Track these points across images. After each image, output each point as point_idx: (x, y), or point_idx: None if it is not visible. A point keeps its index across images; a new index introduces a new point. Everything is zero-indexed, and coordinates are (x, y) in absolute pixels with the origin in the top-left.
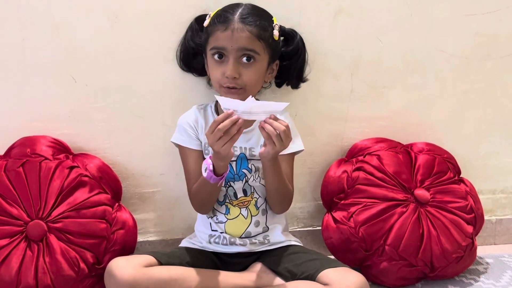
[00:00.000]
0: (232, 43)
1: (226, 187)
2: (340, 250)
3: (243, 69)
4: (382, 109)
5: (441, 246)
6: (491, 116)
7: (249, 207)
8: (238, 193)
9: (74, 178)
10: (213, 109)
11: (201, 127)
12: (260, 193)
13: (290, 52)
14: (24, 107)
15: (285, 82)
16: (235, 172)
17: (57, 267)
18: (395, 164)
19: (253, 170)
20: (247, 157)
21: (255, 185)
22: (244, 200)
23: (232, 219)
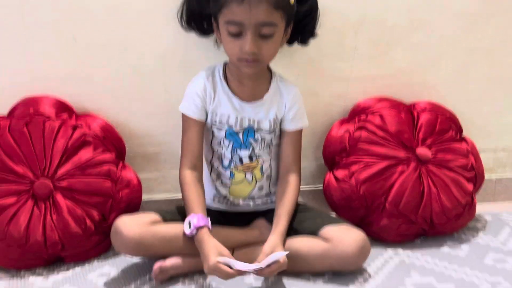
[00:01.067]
0: (251, 17)
1: (231, 154)
2: (341, 208)
3: (261, 43)
4: (386, 68)
5: (441, 203)
6: (495, 74)
7: (254, 172)
8: (244, 159)
9: (78, 138)
10: (222, 75)
11: (210, 96)
12: (265, 158)
13: (305, 12)
14: (25, 67)
15: (297, 40)
16: (242, 142)
17: (64, 225)
18: (397, 123)
19: (260, 140)
20: (255, 129)
21: (261, 153)
22: (250, 165)
23: (237, 184)
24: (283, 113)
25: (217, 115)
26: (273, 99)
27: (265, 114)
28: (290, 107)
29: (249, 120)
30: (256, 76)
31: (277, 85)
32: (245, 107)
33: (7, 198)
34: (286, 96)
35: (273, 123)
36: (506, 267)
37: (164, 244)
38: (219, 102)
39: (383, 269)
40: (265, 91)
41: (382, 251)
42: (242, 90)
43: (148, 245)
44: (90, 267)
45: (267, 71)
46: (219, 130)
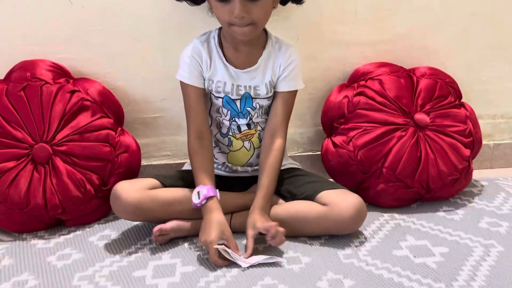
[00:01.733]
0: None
1: (230, 122)
2: (338, 173)
3: (251, 6)
4: (386, 32)
5: (437, 168)
6: (495, 40)
7: (252, 140)
8: (242, 127)
9: (76, 102)
10: (217, 42)
11: (206, 63)
12: (263, 126)
13: None
14: (20, 31)
15: None
16: (239, 110)
17: (64, 188)
18: (397, 89)
19: (257, 107)
20: (252, 96)
21: (259, 120)
22: (248, 133)
23: (235, 151)
24: (279, 73)
25: (213, 83)
26: (267, 62)
27: (261, 79)
28: (284, 67)
29: (245, 87)
30: (251, 42)
31: (272, 47)
32: (241, 75)
33: (7, 162)
34: (281, 56)
35: (269, 86)
36: (500, 230)
37: (163, 209)
38: (215, 69)
39: (378, 232)
40: (260, 56)
41: (378, 216)
42: (237, 57)
43: (147, 210)
44: (91, 230)
45: (263, 34)
46: (217, 99)
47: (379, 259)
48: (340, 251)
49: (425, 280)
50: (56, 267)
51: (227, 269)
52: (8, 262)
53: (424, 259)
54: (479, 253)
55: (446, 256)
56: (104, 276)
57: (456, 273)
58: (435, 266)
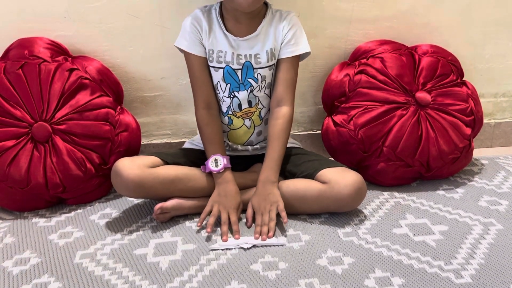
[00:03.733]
0: None
1: (230, 98)
2: (338, 152)
3: None
4: (388, 9)
5: (438, 147)
6: (499, 17)
7: (252, 118)
8: (243, 104)
9: (74, 81)
10: (218, 13)
11: (206, 32)
12: (264, 103)
13: None
14: (16, 7)
15: None
16: (241, 81)
17: (64, 167)
18: (398, 67)
19: (259, 79)
20: (253, 65)
21: (260, 95)
22: (248, 111)
23: (235, 129)
24: (281, 39)
25: (214, 52)
26: (267, 29)
27: (261, 47)
28: (286, 31)
29: (246, 56)
30: (252, 13)
31: (272, 15)
32: (241, 43)
33: (7, 141)
34: (283, 21)
35: (270, 54)
36: (500, 209)
37: (165, 186)
38: (214, 38)
39: (378, 211)
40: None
41: (378, 194)
42: (238, 28)
43: (148, 187)
44: (91, 209)
45: (263, 7)
46: (217, 70)
47: (379, 237)
48: (340, 229)
49: (424, 258)
50: (58, 245)
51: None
52: (10, 240)
53: (424, 237)
54: (478, 231)
55: (446, 234)
56: (105, 254)
57: (455, 251)
58: (434, 244)
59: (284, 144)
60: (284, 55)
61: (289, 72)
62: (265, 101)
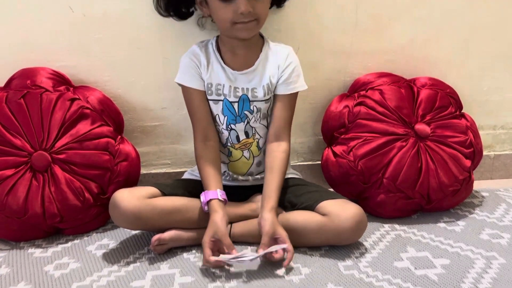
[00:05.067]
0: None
1: (228, 130)
2: (339, 183)
3: (254, 2)
4: (387, 42)
5: (438, 179)
6: (496, 50)
7: (251, 149)
8: (241, 135)
9: (75, 110)
10: (214, 46)
11: (204, 66)
12: (261, 133)
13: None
14: (22, 38)
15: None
16: (237, 114)
17: (62, 197)
18: (397, 99)
19: (255, 111)
20: (250, 98)
21: (256, 126)
22: (246, 142)
23: (235, 161)
24: (278, 76)
25: (213, 86)
26: (265, 64)
27: (258, 81)
28: (284, 68)
29: (243, 89)
30: (248, 44)
31: (269, 49)
32: (238, 76)
33: (6, 170)
34: (280, 57)
35: (267, 89)
36: (502, 242)
37: (162, 217)
38: (212, 71)
39: (379, 243)
40: (257, 59)
41: (378, 226)
42: (235, 61)
43: (146, 218)
44: (89, 239)
45: (259, 38)
46: (216, 104)
47: (380, 271)
48: (340, 262)
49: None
50: (53, 277)
51: (226, 280)
52: (5, 271)
53: (425, 271)
54: (481, 265)
55: (447, 268)
56: (102, 286)
57: (457, 285)
58: (436, 278)
59: (284, 177)
60: (281, 92)
61: (286, 109)
62: (262, 131)
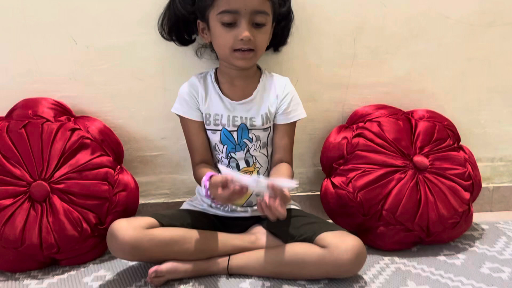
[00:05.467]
0: (246, 5)
1: (228, 159)
2: (338, 215)
3: (255, 32)
4: (384, 75)
5: (437, 211)
6: (493, 84)
7: None
8: (241, 164)
9: (76, 140)
10: (213, 78)
11: (202, 97)
12: (262, 162)
13: (283, 14)
14: (25, 69)
15: (272, 45)
16: (236, 143)
17: (60, 227)
18: (395, 131)
19: (254, 139)
20: (248, 127)
21: (256, 155)
22: (247, 170)
23: None
24: (276, 106)
25: (211, 116)
26: (263, 94)
27: (256, 111)
28: (282, 98)
29: (241, 118)
30: (246, 75)
31: (266, 80)
32: (236, 106)
33: (4, 200)
34: (277, 87)
35: (266, 118)
36: (502, 276)
37: (160, 248)
38: (211, 102)
39: (379, 276)
40: (255, 89)
41: (378, 259)
42: (233, 91)
43: (144, 249)
44: (85, 270)
45: (257, 70)
46: (214, 134)
47: None
48: None
49: None
50: None
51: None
52: None
53: None
54: None
55: None
56: None
57: None
58: None
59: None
60: (282, 122)
61: (286, 138)
62: (262, 160)
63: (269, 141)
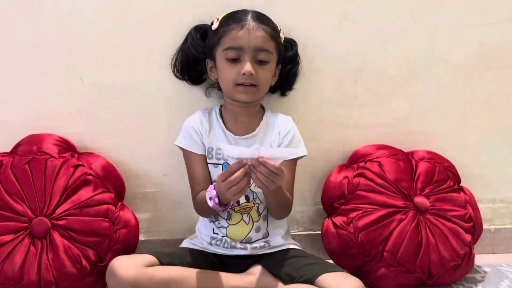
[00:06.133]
0: (250, 42)
1: None
2: (339, 255)
3: (258, 68)
4: (385, 116)
5: (439, 254)
6: (492, 125)
7: (250, 213)
8: (241, 198)
9: (78, 177)
10: (218, 114)
11: (206, 131)
12: (262, 199)
13: (290, 58)
14: (31, 105)
15: (279, 88)
16: None
17: (59, 264)
18: (396, 171)
19: None
20: None
21: (256, 191)
22: (246, 206)
23: (234, 224)
24: (278, 143)
25: (213, 150)
26: (266, 131)
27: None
28: (284, 134)
29: None
30: (250, 112)
31: (269, 118)
32: (239, 141)
33: (4, 236)
34: (279, 125)
35: None
36: None
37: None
38: (214, 136)
39: None
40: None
41: None
42: (237, 126)
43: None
44: None
45: (261, 109)
46: (216, 168)
47: None
48: None
49: None
50: None
51: None
52: None
53: None
54: None
55: None
56: None
57: None
58: None
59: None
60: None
61: (290, 173)
62: (262, 196)
63: None
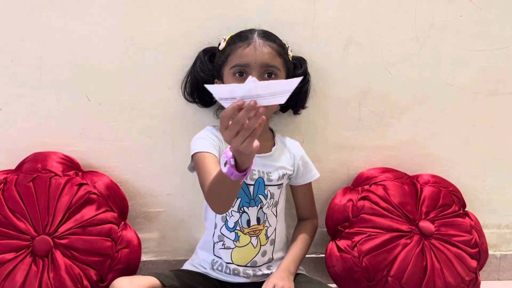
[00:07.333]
0: (256, 59)
1: (240, 213)
2: (343, 279)
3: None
4: (389, 139)
5: (444, 279)
6: (497, 150)
7: (259, 236)
8: (252, 220)
9: (82, 195)
10: None
11: (221, 141)
12: (271, 222)
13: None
14: (37, 123)
15: (290, 106)
16: (252, 197)
17: (60, 283)
18: (401, 195)
19: (269, 196)
20: (265, 182)
21: (268, 213)
22: (256, 228)
23: (241, 247)
24: (295, 167)
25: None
26: (280, 152)
27: (274, 166)
28: (298, 159)
29: (259, 172)
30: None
31: (280, 140)
32: (256, 160)
33: (6, 254)
34: (292, 148)
35: (282, 174)
36: None
37: None
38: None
39: None
40: (272, 145)
41: None
42: None
43: None
44: None
45: (269, 130)
46: None
47: None
48: None
49: None
50: None
51: None
52: None
53: None
54: None
55: None
56: None
57: None
58: None
59: (308, 246)
60: (301, 183)
61: (308, 195)
62: (272, 219)
63: (280, 200)
